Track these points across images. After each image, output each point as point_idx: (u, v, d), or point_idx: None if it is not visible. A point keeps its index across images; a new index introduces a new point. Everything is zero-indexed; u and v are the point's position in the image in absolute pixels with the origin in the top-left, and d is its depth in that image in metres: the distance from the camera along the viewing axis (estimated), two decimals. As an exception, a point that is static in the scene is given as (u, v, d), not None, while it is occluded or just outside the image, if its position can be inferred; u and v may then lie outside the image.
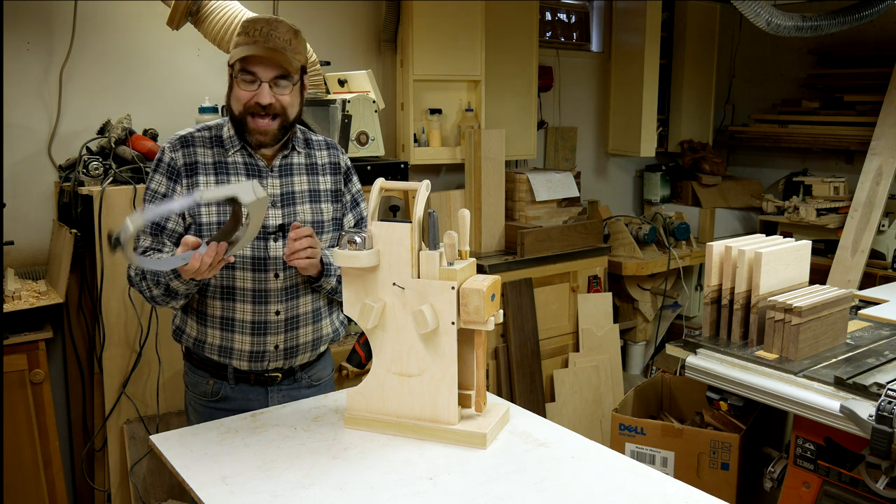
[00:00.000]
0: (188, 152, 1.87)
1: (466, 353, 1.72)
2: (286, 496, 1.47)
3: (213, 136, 1.91)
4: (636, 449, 2.67)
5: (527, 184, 3.88)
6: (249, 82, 1.79)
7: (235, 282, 1.87)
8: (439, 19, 3.62)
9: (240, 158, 1.88)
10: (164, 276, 1.76)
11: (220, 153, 1.88)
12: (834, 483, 2.06)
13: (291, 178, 1.93)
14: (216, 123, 1.94)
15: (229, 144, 1.88)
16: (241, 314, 1.88)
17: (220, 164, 1.87)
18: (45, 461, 2.61)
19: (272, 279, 1.88)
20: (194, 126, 1.94)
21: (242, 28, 1.81)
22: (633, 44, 4.48)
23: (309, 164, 1.97)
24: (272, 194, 1.88)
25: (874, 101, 4.19)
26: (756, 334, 2.19)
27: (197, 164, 1.86)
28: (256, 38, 1.78)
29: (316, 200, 1.95)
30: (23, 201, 2.88)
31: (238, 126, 1.85)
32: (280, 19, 1.84)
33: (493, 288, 1.64)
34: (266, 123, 1.81)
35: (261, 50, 1.76)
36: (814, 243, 2.53)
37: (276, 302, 1.89)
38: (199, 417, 1.96)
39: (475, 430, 1.67)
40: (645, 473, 1.56)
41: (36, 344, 2.57)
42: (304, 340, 1.96)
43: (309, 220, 1.92)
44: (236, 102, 1.82)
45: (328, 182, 1.99)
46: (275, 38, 1.79)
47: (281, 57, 1.78)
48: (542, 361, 3.75)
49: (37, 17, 2.86)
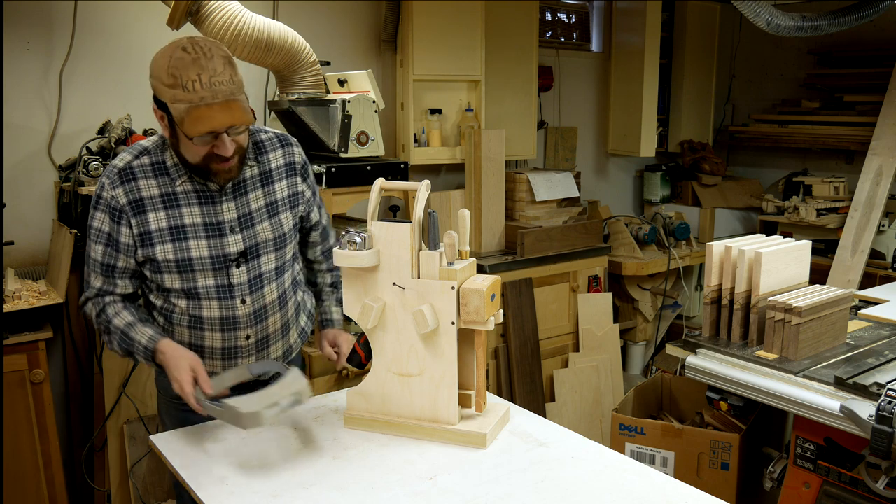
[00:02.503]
0: (130, 188, 1.71)
1: (466, 353, 1.72)
2: (286, 496, 1.47)
3: (154, 162, 1.73)
4: (636, 449, 2.67)
5: (527, 184, 3.88)
6: (203, 137, 1.62)
7: (202, 311, 1.78)
8: (439, 19, 3.62)
9: (189, 186, 1.73)
10: (137, 352, 1.73)
11: (167, 183, 1.72)
12: (834, 483, 2.06)
13: (246, 197, 1.79)
14: (153, 145, 1.76)
15: (175, 173, 1.73)
16: (211, 342, 1.82)
17: (168, 197, 1.72)
18: (45, 461, 2.61)
19: (239, 305, 1.80)
20: (129, 150, 1.76)
21: (172, 78, 1.58)
22: (633, 44, 4.48)
23: (262, 173, 1.83)
24: (229, 220, 1.77)
25: (874, 101, 4.18)
26: (756, 334, 2.19)
27: (142, 201, 1.71)
28: (199, 92, 1.57)
29: (274, 214, 1.83)
30: (23, 201, 2.88)
31: (196, 170, 1.70)
32: (211, 51, 1.60)
33: (493, 288, 1.64)
34: (229, 163, 1.68)
35: (216, 113, 1.58)
36: (814, 243, 2.53)
37: (246, 327, 1.83)
38: (173, 423, 1.89)
39: (475, 429, 1.67)
40: (645, 473, 1.56)
41: (36, 344, 2.56)
42: (276, 356, 1.93)
43: (270, 238, 1.82)
44: (191, 155, 1.67)
45: (284, 188, 1.86)
46: (217, 84, 1.58)
47: (235, 109, 1.61)
48: (542, 361, 3.74)
49: (37, 17, 2.86)
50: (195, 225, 1.74)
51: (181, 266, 1.74)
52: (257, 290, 1.82)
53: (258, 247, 1.81)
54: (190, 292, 1.77)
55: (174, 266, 1.74)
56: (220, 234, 1.76)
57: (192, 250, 1.74)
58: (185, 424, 1.80)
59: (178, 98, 1.59)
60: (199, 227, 1.75)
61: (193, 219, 1.74)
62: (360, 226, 2.00)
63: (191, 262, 1.74)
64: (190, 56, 1.59)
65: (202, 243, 1.75)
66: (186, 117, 1.59)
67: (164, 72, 1.60)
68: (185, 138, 1.64)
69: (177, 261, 1.73)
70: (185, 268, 1.74)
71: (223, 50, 1.64)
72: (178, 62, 1.58)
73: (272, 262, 1.84)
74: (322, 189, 2.81)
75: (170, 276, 1.75)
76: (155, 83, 1.64)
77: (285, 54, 2.73)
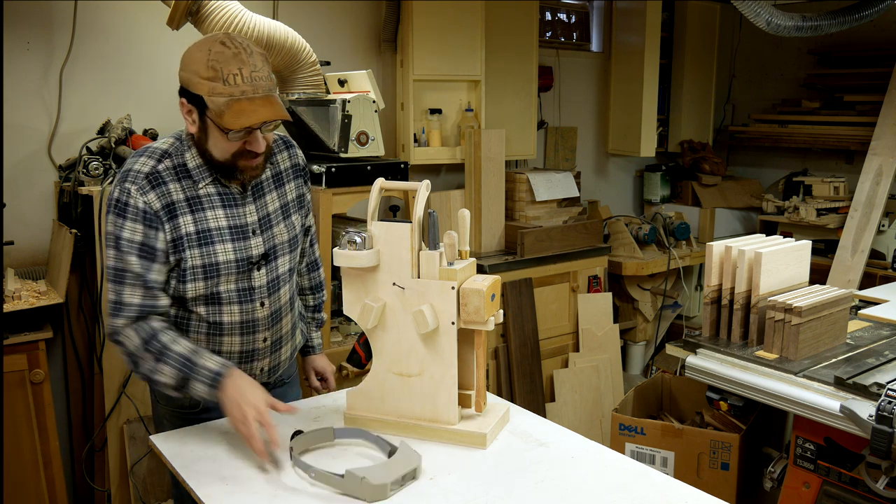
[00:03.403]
0: (161, 193, 1.65)
1: (466, 353, 1.72)
2: (286, 496, 1.47)
3: (175, 165, 1.68)
4: (636, 449, 2.67)
5: (527, 184, 3.88)
6: (238, 131, 1.61)
7: (223, 317, 1.76)
8: (439, 19, 3.62)
9: (212, 189, 1.71)
10: (201, 378, 1.61)
11: (190, 186, 1.69)
12: (834, 483, 2.06)
13: (264, 199, 1.79)
14: (173, 147, 1.70)
15: (198, 176, 1.69)
16: (229, 346, 1.80)
17: (193, 200, 1.68)
18: (45, 461, 2.61)
19: (259, 308, 1.80)
20: (150, 156, 1.69)
21: (212, 70, 1.56)
22: (633, 44, 4.48)
23: (274, 174, 1.83)
24: (251, 222, 1.76)
25: (874, 101, 4.18)
26: (756, 334, 2.19)
27: (174, 205, 1.66)
28: (241, 86, 1.57)
29: (287, 215, 1.84)
30: (23, 201, 2.88)
31: (222, 169, 1.68)
32: (249, 47, 1.61)
33: (492, 288, 1.64)
34: (257, 160, 1.68)
35: (258, 107, 1.58)
36: (814, 243, 2.53)
37: (264, 330, 1.83)
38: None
39: (475, 430, 1.67)
40: (645, 473, 1.56)
41: (36, 344, 2.56)
42: (285, 357, 1.94)
43: (286, 239, 1.83)
44: (220, 151, 1.64)
45: (293, 189, 1.87)
46: (258, 80, 1.59)
47: (275, 104, 1.61)
48: (542, 361, 3.75)
49: (37, 17, 2.86)
50: (220, 229, 1.71)
51: (208, 271, 1.70)
52: (275, 293, 1.82)
53: (276, 248, 1.81)
54: (211, 298, 1.74)
55: (200, 272, 1.70)
56: (244, 237, 1.75)
57: (218, 255, 1.71)
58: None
59: (217, 91, 1.57)
60: (225, 230, 1.72)
61: (219, 222, 1.71)
62: (360, 226, 2.00)
63: (217, 266, 1.71)
64: (230, 50, 1.58)
65: (228, 247, 1.72)
66: (227, 111, 1.57)
67: (202, 65, 1.57)
68: (216, 134, 1.62)
69: (203, 266, 1.69)
70: (212, 273, 1.71)
71: (259, 48, 1.64)
72: (218, 55, 1.57)
73: (287, 264, 1.85)
74: (322, 189, 2.81)
75: (193, 284, 1.70)
76: (189, 76, 1.60)
77: (285, 54, 2.73)
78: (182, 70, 1.62)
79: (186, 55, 1.62)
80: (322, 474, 1.48)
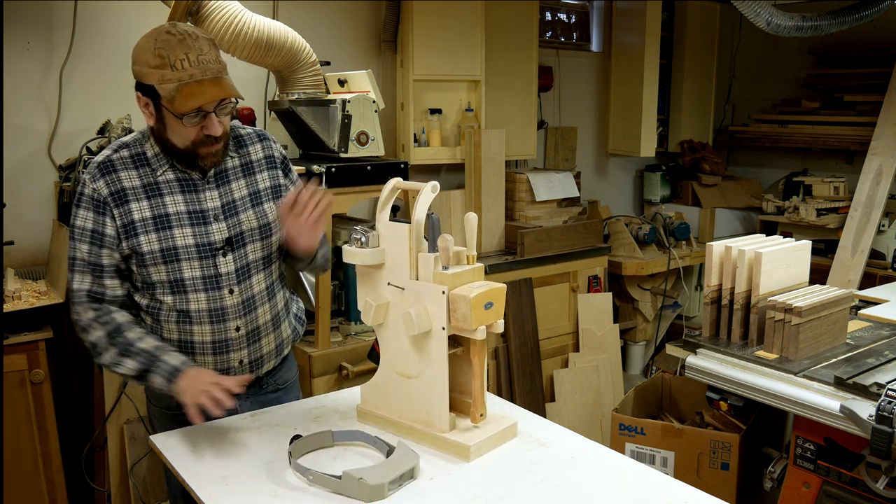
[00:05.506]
0: (111, 180, 1.72)
1: (466, 360, 1.68)
2: (286, 496, 1.47)
3: (133, 154, 1.75)
4: (636, 449, 2.67)
5: (527, 184, 3.88)
6: (193, 117, 1.65)
7: (189, 304, 1.77)
8: (439, 19, 3.62)
9: (171, 175, 1.75)
10: (159, 371, 1.66)
11: (148, 173, 1.74)
12: (834, 483, 2.06)
13: (229, 186, 1.81)
14: (133, 139, 1.78)
15: (156, 163, 1.75)
16: (200, 336, 1.80)
17: (150, 187, 1.74)
18: (45, 461, 2.61)
19: (227, 295, 1.80)
20: (110, 147, 1.78)
21: (160, 58, 1.61)
22: (633, 44, 4.48)
23: (244, 164, 1.85)
24: (212, 207, 1.78)
25: (874, 101, 4.18)
26: (756, 334, 2.19)
27: (124, 191, 1.72)
28: (189, 69, 1.61)
29: (258, 203, 1.85)
30: (23, 201, 2.88)
31: (184, 157, 1.73)
32: (195, 33, 1.66)
33: (487, 296, 1.57)
34: (216, 146, 1.73)
35: (207, 88, 1.62)
36: (814, 243, 2.53)
37: (235, 318, 1.82)
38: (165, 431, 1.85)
39: (462, 441, 1.62)
40: (645, 473, 1.56)
41: (36, 344, 2.56)
42: (268, 350, 1.92)
43: (255, 226, 1.83)
44: (180, 138, 1.69)
45: (266, 179, 1.88)
46: (206, 63, 1.64)
47: (225, 84, 1.66)
48: (542, 361, 3.75)
49: (37, 18, 2.86)
50: (179, 213, 1.75)
51: (167, 256, 1.73)
52: (245, 280, 1.82)
53: (243, 235, 1.82)
54: (176, 285, 1.76)
55: (159, 256, 1.73)
56: (204, 222, 1.77)
57: (176, 239, 1.74)
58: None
59: (166, 78, 1.62)
60: (183, 215, 1.75)
61: (177, 207, 1.75)
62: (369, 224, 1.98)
63: (176, 251, 1.74)
64: (176, 38, 1.63)
65: (187, 231, 1.75)
66: (177, 95, 1.62)
67: (149, 54, 1.62)
68: (173, 122, 1.66)
69: (162, 250, 1.73)
70: (171, 257, 1.74)
71: (206, 34, 1.69)
72: (164, 43, 1.62)
73: (259, 252, 1.85)
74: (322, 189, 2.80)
75: (156, 269, 1.74)
76: (139, 69, 1.66)
77: (285, 54, 2.73)
78: (133, 63, 1.67)
79: (135, 48, 1.67)
80: (320, 477, 1.49)
